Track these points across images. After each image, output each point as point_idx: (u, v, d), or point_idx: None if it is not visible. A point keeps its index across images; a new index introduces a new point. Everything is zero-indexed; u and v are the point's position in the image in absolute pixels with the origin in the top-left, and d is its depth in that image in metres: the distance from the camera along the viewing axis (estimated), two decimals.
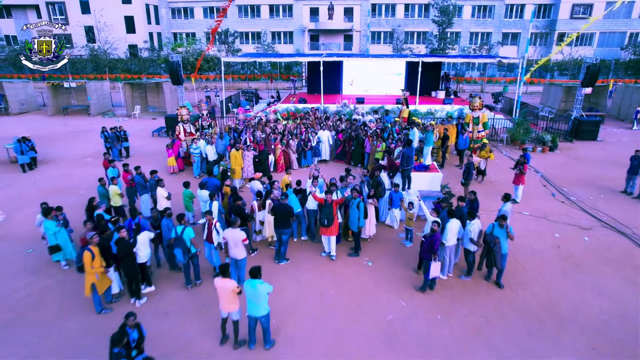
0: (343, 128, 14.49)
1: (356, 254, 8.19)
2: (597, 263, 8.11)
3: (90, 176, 13.05)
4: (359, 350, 5.82)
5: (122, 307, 6.68)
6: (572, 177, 13.09)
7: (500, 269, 7.10)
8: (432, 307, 6.75)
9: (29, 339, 6.05)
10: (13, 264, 8.05)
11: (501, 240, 6.94)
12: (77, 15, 38.70)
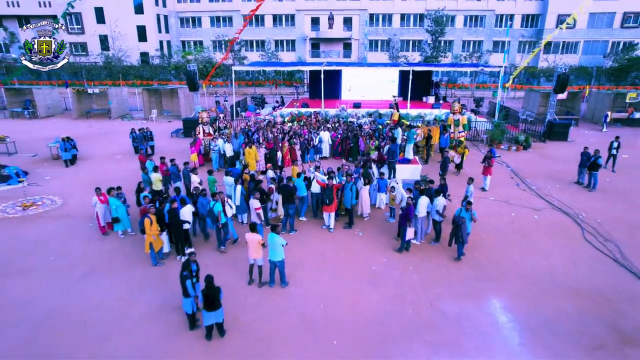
0: (340, 132, 16.62)
1: (349, 227, 10.34)
2: (540, 234, 10.25)
3: (123, 170, 15.27)
4: (350, 289, 7.96)
5: (170, 263, 8.84)
6: (537, 171, 15.25)
7: (464, 243, 9.05)
8: (406, 262, 8.90)
9: (107, 282, 8.20)
10: (82, 233, 10.22)
11: (466, 221, 8.96)
12: (93, 24, 41.13)
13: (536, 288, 7.99)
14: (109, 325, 6.93)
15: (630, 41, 38.77)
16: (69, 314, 7.22)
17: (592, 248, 9.53)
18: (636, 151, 18.27)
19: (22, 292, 7.78)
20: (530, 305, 7.44)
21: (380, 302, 7.54)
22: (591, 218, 11.06)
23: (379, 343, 6.52)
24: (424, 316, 7.16)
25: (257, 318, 7.09)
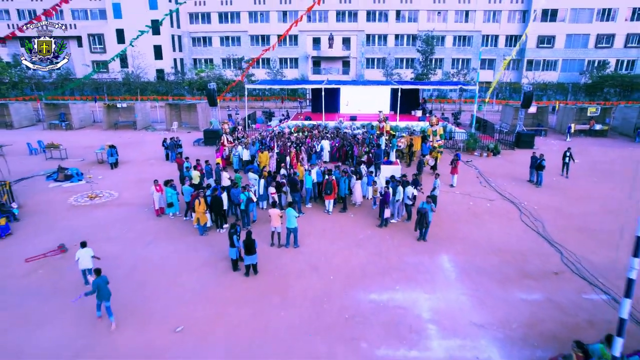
0: (338, 141, 19.92)
1: (344, 211, 13.61)
2: (488, 216, 13.50)
3: (159, 171, 18.55)
4: (343, 249, 11.18)
5: (212, 234, 12.11)
6: (501, 173, 18.55)
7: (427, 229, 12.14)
8: (384, 234, 12.15)
9: (169, 246, 11.45)
10: (140, 215, 13.51)
11: (428, 211, 12.06)
12: (114, 44, 45.05)
13: (474, 249, 11.23)
14: (177, 270, 10.17)
15: (603, 60, 42.52)
16: (146, 264, 10.47)
17: (524, 225, 12.77)
18: (590, 158, 21.59)
19: (112, 252, 11.01)
20: (466, 258, 10.68)
21: (363, 257, 10.78)
22: (530, 206, 14.33)
23: (361, 278, 9.75)
24: (393, 264, 10.40)
25: (279, 265, 10.33)
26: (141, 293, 9.20)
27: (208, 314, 8.43)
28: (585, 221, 13.07)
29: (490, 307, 8.65)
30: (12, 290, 9.37)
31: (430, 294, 9.12)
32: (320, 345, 7.54)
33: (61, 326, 8.12)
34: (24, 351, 7.43)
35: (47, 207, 14.42)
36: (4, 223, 12.01)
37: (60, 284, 9.63)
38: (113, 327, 7.99)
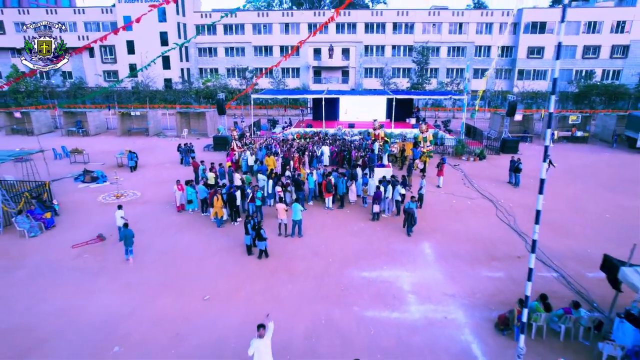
0: (336, 147, 21.91)
1: (341, 207, 15.54)
2: (468, 212, 15.42)
3: (174, 173, 20.42)
4: (340, 239, 13.09)
5: (228, 226, 14.02)
6: (484, 175, 20.49)
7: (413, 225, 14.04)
8: (376, 226, 14.06)
9: (191, 236, 13.37)
10: (163, 211, 15.44)
11: (414, 210, 13.96)
12: (124, 55, 47.34)
13: (452, 238, 13.15)
14: (201, 254, 12.09)
15: (590, 70, 44.70)
16: (174, 250, 12.39)
17: (498, 219, 14.69)
18: (569, 162, 23.51)
19: (143, 241, 12.91)
20: (444, 246, 12.60)
21: (357, 245, 12.69)
22: (506, 203, 16.25)
23: (354, 261, 11.66)
24: (382, 250, 12.30)
25: (285, 250, 12.24)
26: (173, 272, 11.11)
27: (229, 287, 10.33)
28: (551, 216, 14.95)
29: (460, 282, 10.56)
30: (66, 269, 11.29)
31: (411, 272, 11.03)
32: (321, 310, 9.43)
33: (111, 295, 10.02)
34: (85, 313, 9.33)
35: (80, 204, 16.37)
36: (49, 216, 13.95)
37: (103, 264, 11.55)
38: (131, 261, 11.34)
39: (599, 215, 15.25)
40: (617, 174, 21.17)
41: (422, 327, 8.82)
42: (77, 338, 8.50)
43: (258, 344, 6.66)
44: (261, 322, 7.03)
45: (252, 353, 6.68)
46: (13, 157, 15.54)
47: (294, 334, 8.51)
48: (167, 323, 8.95)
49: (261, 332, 6.77)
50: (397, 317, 9.17)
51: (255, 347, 6.65)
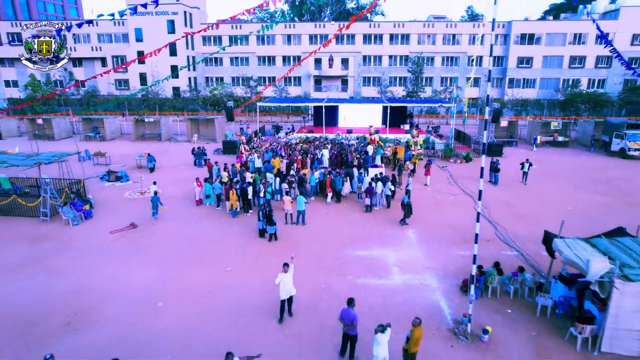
0: (335, 150, 24.22)
1: (339, 202, 17.81)
2: (450, 206, 17.65)
3: (190, 174, 22.73)
4: (338, 227, 15.33)
5: (241, 216, 16.28)
6: (468, 175, 22.74)
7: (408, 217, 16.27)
8: (368, 217, 16.30)
9: (211, 224, 15.62)
10: (183, 205, 17.70)
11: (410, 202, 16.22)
12: (135, 65, 49.75)
13: (433, 226, 15.39)
14: (220, 238, 14.33)
15: (576, 79, 47.18)
16: (198, 235, 14.63)
17: (475, 212, 16.88)
18: (548, 164, 25.80)
19: (170, 228, 15.17)
20: (426, 232, 14.83)
21: (352, 230, 14.93)
22: (484, 199, 18.45)
23: (349, 243, 13.88)
24: (373, 235, 14.54)
25: (291, 235, 14.47)
26: (198, 251, 13.36)
27: (245, 261, 12.57)
28: (522, 209, 17.25)
29: (436, 258, 12.78)
30: (108, 249, 13.54)
31: (396, 251, 13.26)
32: (321, 278, 11.64)
33: (149, 268, 12.25)
34: (131, 280, 11.55)
35: (110, 199, 18.65)
36: (88, 208, 16.23)
37: (138, 246, 13.79)
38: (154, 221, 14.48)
39: (564, 209, 17.49)
40: (589, 174, 23.42)
41: (402, 290, 11.03)
42: (127, 297, 10.72)
43: (283, 276, 9.26)
44: (285, 262, 9.75)
45: (279, 282, 9.29)
46: (57, 158, 17.81)
47: (301, 296, 10.67)
48: (198, 286, 11.18)
49: (285, 269, 9.42)
50: (383, 283, 11.39)
51: (281, 279, 9.26)
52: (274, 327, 9.48)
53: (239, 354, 8.16)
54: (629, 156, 26.64)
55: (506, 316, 9.91)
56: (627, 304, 8.06)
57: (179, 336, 9.15)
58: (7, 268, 12.26)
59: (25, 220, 16.03)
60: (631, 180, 22.00)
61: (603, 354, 8.39)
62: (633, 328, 8.14)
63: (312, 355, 8.58)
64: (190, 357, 8.52)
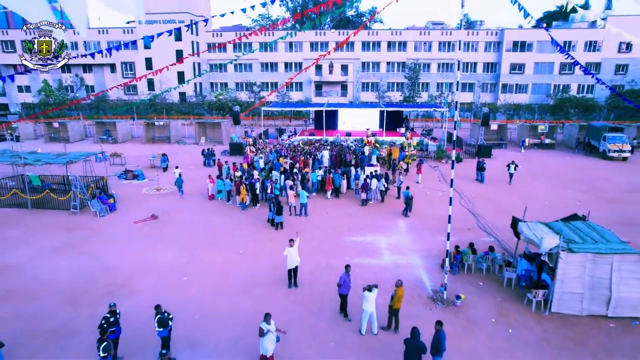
0: (335, 151, 26.15)
1: (337, 197, 19.67)
2: (438, 201, 19.49)
3: (200, 173, 24.60)
4: (337, 219, 17.18)
5: (250, 209, 18.14)
6: (457, 174, 24.31)
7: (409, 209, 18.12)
8: (364, 210, 18.16)
9: (223, 216, 17.49)
10: (197, 200, 19.57)
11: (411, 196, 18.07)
12: (143, 71, 51.99)
13: (422, 218, 17.23)
14: (233, 227, 16.18)
15: (566, 84, 49.17)
16: (213, 225, 16.49)
17: (460, 206, 18.76)
18: (533, 164, 27.65)
19: (187, 219, 17.02)
20: (415, 222, 16.68)
21: (350, 222, 16.77)
22: (469, 195, 20.35)
23: (347, 231, 15.73)
24: (367, 225, 16.38)
25: (296, 225, 16.30)
26: (214, 236, 15.21)
27: (256, 245, 14.41)
28: (502, 203, 19.10)
29: (422, 243, 14.63)
30: (134, 237, 15.40)
31: (388, 238, 15.11)
32: (322, 258, 13.47)
33: (172, 252, 14.08)
34: (156, 261, 13.39)
35: (130, 195, 20.52)
36: (112, 202, 18.11)
37: (160, 234, 15.65)
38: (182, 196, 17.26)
39: (542, 203, 19.32)
40: (570, 174, 25.27)
41: (391, 268, 12.87)
42: (154, 274, 12.56)
43: (289, 250, 11.17)
44: (291, 238, 11.75)
45: (286, 254, 11.21)
46: (84, 157, 19.70)
47: (304, 272, 12.50)
48: (215, 265, 13.02)
49: (291, 243, 11.36)
50: (374, 262, 13.23)
51: (288, 252, 11.17)
52: (282, 296, 11.31)
53: (253, 317, 10.06)
54: (609, 157, 28.49)
55: (478, 288, 11.74)
56: (570, 272, 9.89)
57: (202, 303, 10.98)
58: (51, 251, 14.12)
59: (58, 213, 17.91)
60: (607, 179, 23.86)
61: (552, 314, 10.21)
62: (575, 291, 9.96)
63: (314, 316, 10.40)
64: (213, 317, 10.35)
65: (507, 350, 9.12)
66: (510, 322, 10.08)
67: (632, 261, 9.66)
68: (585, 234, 10.89)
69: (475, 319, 10.26)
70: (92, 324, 9.79)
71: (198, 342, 9.36)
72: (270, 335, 7.83)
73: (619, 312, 9.87)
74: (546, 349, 9.12)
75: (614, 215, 17.59)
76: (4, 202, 18.60)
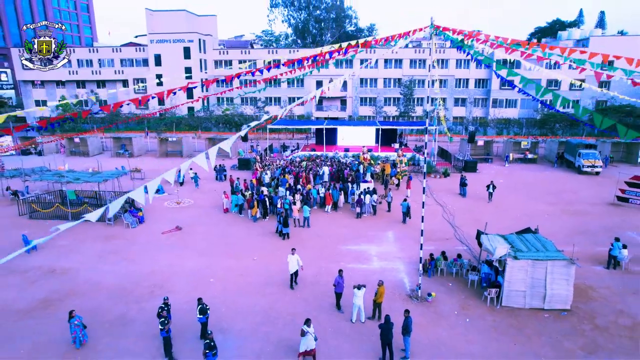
0: (334, 167, 29.10)
1: (335, 210, 22.54)
2: (431, 213, 22.34)
3: (212, 187, 27.52)
4: (334, 230, 20.03)
5: (260, 221, 21.01)
6: (443, 189, 27.43)
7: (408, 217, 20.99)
8: (359, 222, 21.01)
9: (237, 227, 20.35)
10: (213, 213, 22.44)
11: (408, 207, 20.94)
12: (154, 86, 55.18)
13: (408, 229, 20.08)
14: (246, 236, 19.03)
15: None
16: (228, 234, 19.35)
17: (442, 218, 21.59)
18: (514, 178, 30.50)
19: (206, 230, 19.88)
20: (402, 233, 19.51)
21: (346, 232, 19.62)
22: (452, 207, 23.17)
23: (343, 240, 18.57)
24: (361, 235, 19.22)
25: (299, 235, 19.16)
26: (231, 245, 18.06)
27: (267, 253, 17.25)
28: (480, 215, 21.92)
29: (406, 251, 17.45)
30: (163, 245, 18.25)
31: (378, 246, 17.94)
32: (321, 263, 16.29)
33: (196, 259, 16.92)
34: (185, 266, 16.23)
35: (153, 208, 23.39)
36: (141, 215, 20.99)
37: (186, 243, 18.50)
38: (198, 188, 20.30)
39: (514, 216, 22.14)
40: (544, 187, 28.11)
41: (379, 272, 15.68)
42: (185, 277, 15.39)
43: (291, 257, 13.94)
44: (293, 247, 14.62)
45: (289, 260, 13.98)
46: (116, 176, 22.62)
47: (308, 274, 15.31)
48: (234, 270, 15.86)
49: (292, 252, 14.16)
50: (365, 267, 16.05)
51: (290, 259, 13.98)
52: (290, 294, 14.12)
53: (267, 310, 12.88)
54: (583, 172, 31.34)
55: (447, 287, 14.55)
56: (515, 274, 12.71)
57: (227, 298, 13.80)
58: (96, 257, 17.00)
59: (95, 224, 20.75)
60: (576, 192, 26.70)
61: (502, 307, 13.00)
62: (519, 289, 12.77)
63: (315, 309, 13.19)
64: (235, 310, 13.15)
65: (464, 335, 11.90)
66: (469, 314, 12.88)
67: (561, 265, 12.48)
68: (531, 244, 13.72)
69: (442, 312, 13.06)
70: (142, 316, 12.66)
71: (226, 329, 12.16)
72: (309, 336, 10.38)
73: (552, 305, 12.67)
74: (493, 334, 11.92)
75: (573, 226, 20.46)
76: (47, 214, 21.50)
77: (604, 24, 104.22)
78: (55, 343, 11.47)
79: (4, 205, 24.25)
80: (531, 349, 11.10)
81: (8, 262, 15.42)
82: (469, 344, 11.50)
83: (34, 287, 14.60)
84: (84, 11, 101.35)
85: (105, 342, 11.54)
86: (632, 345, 11.17)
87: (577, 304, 13.03)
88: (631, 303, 13.28)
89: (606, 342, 11.30)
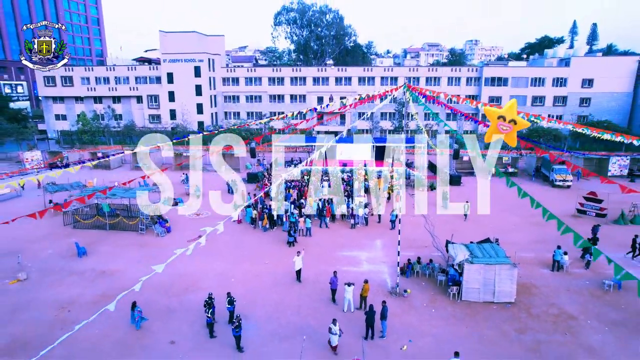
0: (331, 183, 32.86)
1: (333, 221, 26.28)
2: (408, 224, 26.02)
3: (225, 199, 31.27)
4: (333, 239, 23.75)
5: (270, 231, 24.76)
6: (429, 201, 31.15)
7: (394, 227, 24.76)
8: (353, 231, 24.74)
9: (250, 236, 24.12)
10: (229, 223, 26.18)
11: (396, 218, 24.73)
12: (166, 102, 59.32)
13: (392, 238, 23.72)
14: (258, 244, 22.77)
15: (537, 115, 55.95)
16: (242, 241, 23.10)
17: (424, 228, 25.28)
18: (494, 191, 34.19)
19: (225, 239, 23.55)
20: (388, 241, 23.22)
21: (344, 241, 23.33)
22: (433, 220, 26.90)
23: (339, 247, 22.30)
24: (355, 243, 22.94)
25: (303, 242, 22.84)
26: (246, 251, 21.80)
27: (277, 258, 20.97)
28: (456, 225, 25.61)
29: (390, 257, 21.14)
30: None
31: (367, 253, 21.66)
32: (321, 266, 20.00)
33: (219, 263, 20.66)
34: (210, 269, 19.96)
35: (176, 219, 27.17)
36: (168, 225, 24.77)
37: (209, 250, 22.11)
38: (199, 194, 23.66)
39: (485, 227, 25.81)
40: (517, 200, 31.61)
41: (367, 273, 19.37)
42: (212, 278, 19.12)
43: (296, 258, 17.69)
44: (298, 250, 18.21)
45: (295, 260, 17.76)
46: (148, 191, 26.42)
47: (310, 275, 19.01)
48: (250, 272, 19.59)
49: (298, 254, 17.98)
50: (356, 269, 19.77)
51: (295, 259, 17.72)
52: (296, 290, 17.83)
53: (278, 303, 16.61)
54: (556, 185, 35.03)
55: (421, 286, 18.24)
56: (471, 275, 16.40)
57: (247, 293, 17.52)
58: (137, 261, 20.75)
59: (129, 233, 24.56)
60: (546, 204, 30.22)
61: (462, 301, 16.68)
62: (475, 287, 16.46)
63: (315, 302, 16.89)
64: (254, 302, 16.86)
65: (429, 321, 15.59)
66: (435, 306, 16.57)
67: (507, 268, 16.18)
68: (487, 252, 17.42)
69: (414, 304, 16.76)
70: (182, 307, 16.40)
71: (247, 316, 15.86)
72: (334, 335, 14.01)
73: (500, 299, 16.35)
74: (452, 320, 15.59)
75: (536, 236, 24.16)
76: (88, 225, 25.29)
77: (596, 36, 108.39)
78: (121, 326, 15.21)
79: (47, 217, 28.03)
80: (477, 331, 14.79)
81: (67, 264, 19.32)
82: (432, 327, 15.19)
83: (93, 284, 18.38)
84: (94, 24, 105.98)
85: (158, 325, 15.28)
86: (553, 328, 14.86)
87: (520, 298, 16.72)
88: (563, 297, 16.97)
89: (534, 325, 15.00)
